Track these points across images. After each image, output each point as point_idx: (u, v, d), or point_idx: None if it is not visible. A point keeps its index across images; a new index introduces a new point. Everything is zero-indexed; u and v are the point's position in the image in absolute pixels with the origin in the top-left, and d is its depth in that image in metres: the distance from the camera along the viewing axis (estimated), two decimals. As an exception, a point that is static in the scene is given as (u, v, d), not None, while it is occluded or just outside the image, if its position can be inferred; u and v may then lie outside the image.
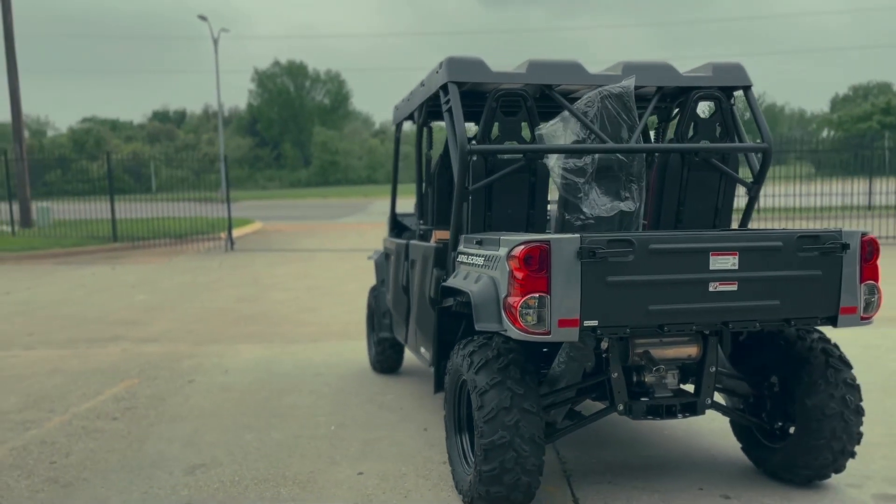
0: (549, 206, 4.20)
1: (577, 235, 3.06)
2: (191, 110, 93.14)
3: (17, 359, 7.24)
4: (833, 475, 3.77)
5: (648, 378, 3.61)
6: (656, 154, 4.20)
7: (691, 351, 3.56)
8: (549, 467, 4.08)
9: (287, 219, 27.91)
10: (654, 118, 4.71)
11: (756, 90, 4.33)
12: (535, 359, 3.80)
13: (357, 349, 7.20)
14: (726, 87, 4.19)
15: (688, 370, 3.69)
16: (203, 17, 37.33)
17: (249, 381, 6.13)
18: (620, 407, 3.52)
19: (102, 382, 6.20)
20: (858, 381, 3.68)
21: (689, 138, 4.12)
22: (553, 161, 4.00)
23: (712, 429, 4.62)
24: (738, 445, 4.11)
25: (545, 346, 3.93)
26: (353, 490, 3.85)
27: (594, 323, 3.10)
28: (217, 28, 50.61)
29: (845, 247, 3.30)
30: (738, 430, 4.09)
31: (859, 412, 3.62)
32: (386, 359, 6.19)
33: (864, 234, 3.37)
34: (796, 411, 3.68)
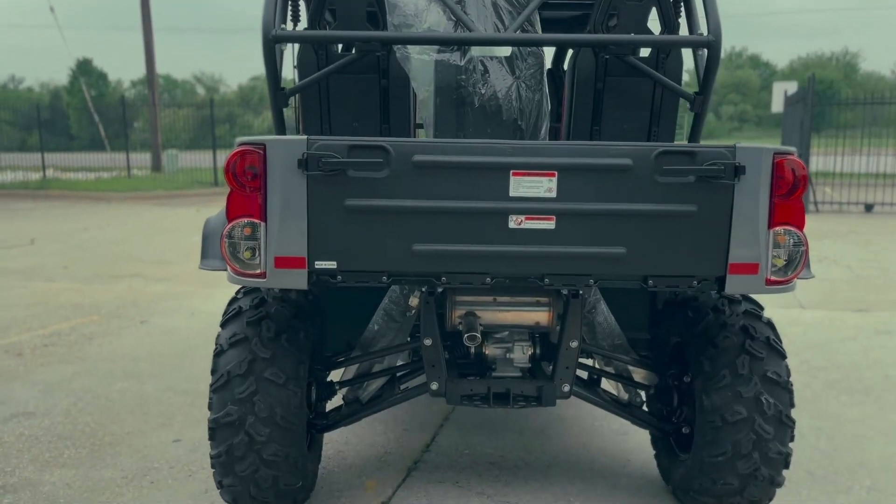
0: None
1: (304, 137, 2.14)
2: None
3: (25, 290, 7.17)
4: None
5: (490, 350, 2.64)
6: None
7: (540, 317, 2.54)
8: (403, 454, 3.22)
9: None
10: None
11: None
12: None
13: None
14: None
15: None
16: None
17: (199, 328, 5.60)
18: (434, 386, 2.58)
19: (63, 317, 5.91)
20: (792, 379, 2.50)
21: (610, 30, 2.98)
22: (414, 51, 2.98)
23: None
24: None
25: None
26: (142, 460, 3.18)
27: (331, 265, 2.18)
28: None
29: (739, 170, 2.14)
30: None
31: (783, 423, 2.45)
32: None
33: (779, 153, 2.17)
34: (694, 412, 2.59)
